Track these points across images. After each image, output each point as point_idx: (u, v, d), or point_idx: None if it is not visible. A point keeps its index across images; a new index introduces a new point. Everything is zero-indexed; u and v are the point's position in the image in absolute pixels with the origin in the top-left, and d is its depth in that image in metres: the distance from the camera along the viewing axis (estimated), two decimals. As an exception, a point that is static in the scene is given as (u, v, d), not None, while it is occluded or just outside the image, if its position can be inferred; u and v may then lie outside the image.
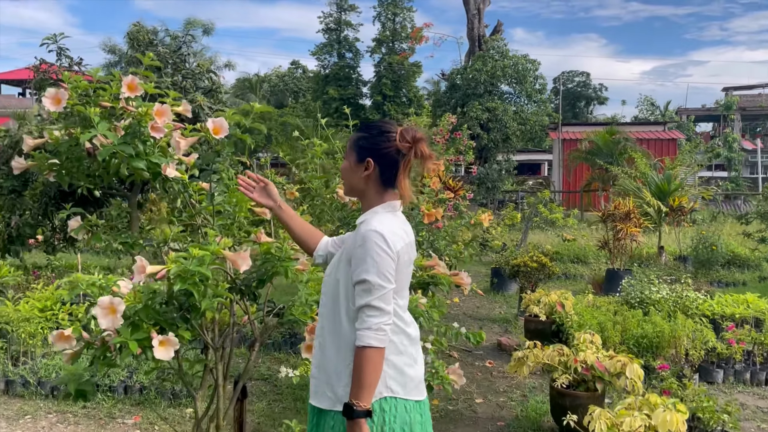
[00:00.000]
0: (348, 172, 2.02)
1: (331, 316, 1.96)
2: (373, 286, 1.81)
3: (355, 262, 1.85)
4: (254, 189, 2.20)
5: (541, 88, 25.45)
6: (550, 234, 11.07)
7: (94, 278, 2.22)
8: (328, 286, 1.99)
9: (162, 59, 8.63)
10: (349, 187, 2.05)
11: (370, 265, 1.81)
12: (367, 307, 1.81)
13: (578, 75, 53.08)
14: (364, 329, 1.80)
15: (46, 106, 2.49)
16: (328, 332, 1.97)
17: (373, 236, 1.83)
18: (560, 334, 5.61)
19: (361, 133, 2.03)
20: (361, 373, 1.79)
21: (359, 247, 1.85)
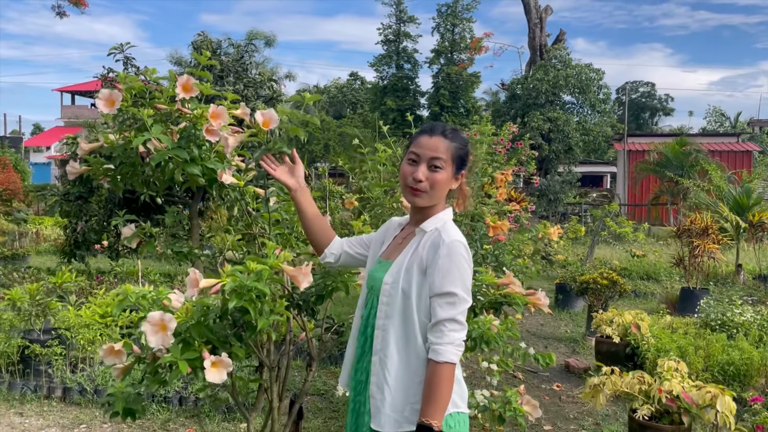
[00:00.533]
0: (447, 184, 1.87)
1: (400, 329, 1.79)
2: (459, 300, 1.73)
3: (439, 272, 1.74)
4: (278, 167, 2.12)
5: (605, 98, 24.66)
6: (617, 249, 10.54)
7: (145, 290, 2.08)
8: (392, 297, 1.80)
9: (225, 68, 8.69)
10: (436, 199, 1.87)
11: (456, 277, 1.73)
12: (450, 321, 1.71)
13: (643, 85, 51.52)
14: (445, 344, 1.70)
15: (99, 108, 2.37)
16: (395, 347, 1.79)
17: (459, 247, 1.76)
18: (635, 358, 5.22)
19: (459, 144, 1.88)
20: (439, 391, 1.69)
21: (444, 257, 1.74)
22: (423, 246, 1.81)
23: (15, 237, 12.46)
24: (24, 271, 8.77)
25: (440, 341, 1.70)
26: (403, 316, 1.78)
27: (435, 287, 1.73)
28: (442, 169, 1.83)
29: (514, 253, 5.05)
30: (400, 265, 1.83)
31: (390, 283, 1.82)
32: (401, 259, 1.84)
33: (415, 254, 1.82)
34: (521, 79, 24.78)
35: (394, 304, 1.80)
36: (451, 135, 1.87)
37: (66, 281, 5.13)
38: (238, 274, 1.87)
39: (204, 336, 1.98)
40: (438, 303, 1.72)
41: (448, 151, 1.84)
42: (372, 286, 1.92)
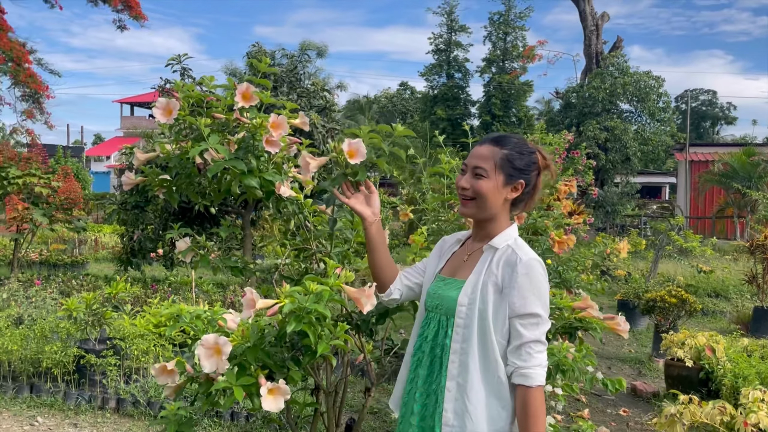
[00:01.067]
0: (493, 193, 1.74)
1: (479, 352, 1.68)
2: (542, 320, 1.65)
3: (519, 292, 1.65)
4: (352, 195, 1.97)
5: (665, 106, 23.81)
6: (682, 264, 10.04)
7: (200, 310, 1.97)
8: (469, 318, 1.69)
9: (278, 78, 8.69)
10: (484, 209, 1.76)
11: (538, 297, 1.66)
12: (535, 343, 1.64)
13: (703, 93, 49.79)
14: (534, 366, 1.63)
15: (156, 117, 2.29)
16: (476, 372, 1.67)
17: (537, 266, 1.67)
18: (709, 384, 4.87)
19: (511, 151, 1.76)
20: (538, 417, 1.61)
21: (524, 276, 1.65)
22: (497, 264, 1.71)
23: (75, 245, 12.81)
24: (82, 278, 8.94)
25: (529, 364, 1.62)
26: (481, 338, 1.68)
27: (516, 308, 1.64)
28: (486, 176, 1.73)
29: (579, 269, 4.80)
30: (474, 285, 1.71)
31: (466, 304, 1.70)
32: (474, 279, 1.72)
33: (488, 273, 1.71)
34: (576, 88, 24.20)
35: (471, 326, 1.69)
36: (500, 141, 1.77)
37: (120, 291, 5.13)
38: (297, 295, 1.73)
39: (260, 360, 1.86)
40: (521, 324, 1.64)
41: (493, 157, 1.74)
42: (437, 305, 1.80)
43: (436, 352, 1.76)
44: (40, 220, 8.35)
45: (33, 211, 8.44)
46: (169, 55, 6.84)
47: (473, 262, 1.78)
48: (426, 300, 1.84)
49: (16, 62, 16.32)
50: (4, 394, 4.61)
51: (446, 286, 1.79)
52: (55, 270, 10.32)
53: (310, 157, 2.08)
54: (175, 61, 7.24)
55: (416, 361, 1.82)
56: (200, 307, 2.07)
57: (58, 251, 11.90)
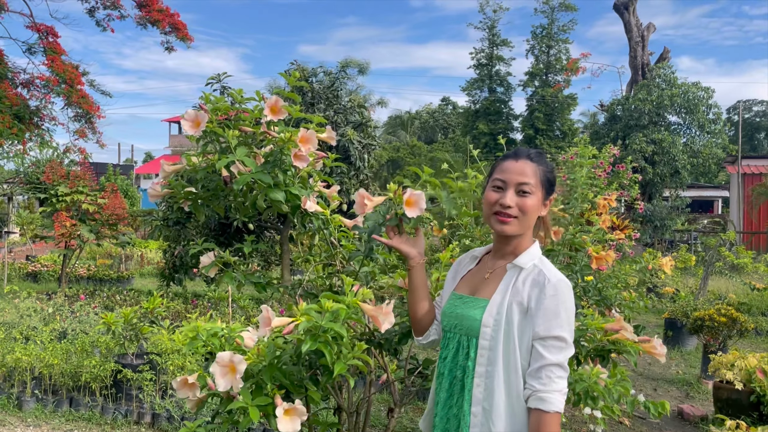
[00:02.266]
0: (537, 210, 1.73)
1: (504, 376, 1.60)
2: (567, 344, 1.58)
3: (545, 314, 1.58)
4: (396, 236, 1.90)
5: (716, 118, 23.09)
6: (734, 281, 9.62)
7: (217, 327, 1.94)
8: (495, 340, 1.62)
9: (316, 95, 8.77)
10: (527, 227, 1.72)
11: (564, 320, 1.58)
12: (557, 367, 1.56)
13: (757, 104, 48.19)
14: (554, 391, 1.55)
15: (185, 130, 2.30)
16: (501, 396, 1.59)
17: (565, 288, 1.60)
18: (761, 407, 4.61)
19: (546, 167, 1.76)
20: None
21: (551, 297, 1.58)
22: (522, 284, 1.64)
23: (121, 260, 13.13)
24: (126, 293, 9.13)
25: (548, 388, 1.54)
26: (506, 362, 1.61)
27: (541, 330, 1.57)
28: (532, 194, 1.69)
29: (620, 286, 4.63)
30: (499, 305, 1.63)
31: (491, 325, 1.63)
32: (499, 298, 1.65)
33: (514, 292, 1.64)
34: (622, 100, 23.73)
35: (497, 348, 1.61)
36: (537, 158, 1.74)
37: (157, 306, 5.20)
38: (313, 313, 1.69)
39: (277, 379, 1.82)
40: (544, 346, 1.56)
41: (536, 174, 1.70)
42: (455, 324, 1.72)
43: (456, 374, 1.69)
44: (87, 235, 8.58)
45: (80, 227, 8.69)
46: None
47: (496, 280, 1.70)
48: (442, 320, 1.77)
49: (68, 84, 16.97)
50: (44, 407, 4.70)
51: (465, 305, 1.72)
52: (101, 285, 10.59)
53: (368, 198, 1.98)
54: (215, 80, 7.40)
55: (438, 384, 1.76)
56: (218, 324, 2.05)
57: (104, 266, 12.21)
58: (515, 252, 1.71)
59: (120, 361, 4.92)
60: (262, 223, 9.20)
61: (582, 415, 4.50)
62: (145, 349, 5.33)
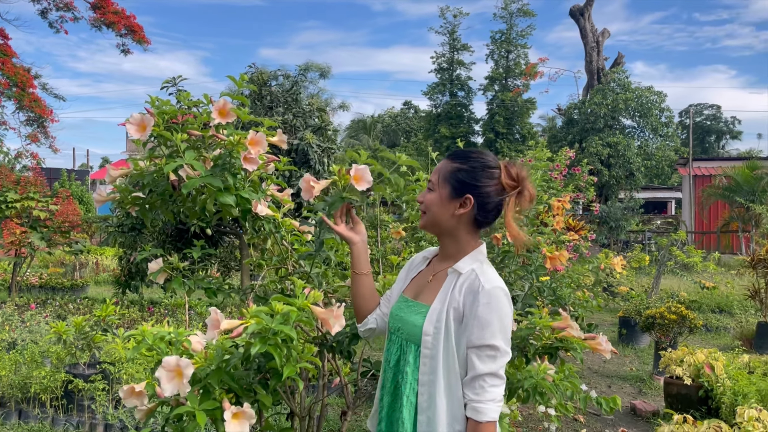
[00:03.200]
0: (437, 205, 1.69)
1: (446, 385, 1.59)
2: (500, 353, 1.55)
3: (479, 322, 1.55)
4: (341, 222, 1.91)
5: (668, 121, 23.79)
6: (685, 280, 9.91)
7: (164, 332, 1.92)
8: (436, 349, 1.60)
9: (275, 98, 8.71)
10: (432, 222, 1.72)
11: (497, 329, 1.55)
12: (490, 376, 1.54)
13: (707, 108, 49.77)
14: (487, 401, 1.53)
15: (130, 134, 2.26)
16: (441, 405, 1.58)
17: (500, 295, 1.57)
18: (709, 402, 4.76)
19: (459, 164, 1.69)
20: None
21: (485, 305, 1.55)
22: (459, 289, 1.62)
23: (75, 268, 12.80)
24: (79, 301, 8.91)
25: (481, 398, 1.53)
26: (447, 369, 1.59)
27: (475, 338, 1.55)
28: (433, 190, 1.70)
29: (573, 285, 4.72)
30: (439, 313, 1.62)
31: (432, 333, 1.61)
32: (438, 306, 1.63)
33: (451, 299, 1.62)
34: (578, 104, 24.26)
35: (437, 357, 1.60)
36: (455, 157, 1.71)
37: (110, 314, 5.09)
38: (263, 315, 1.69)
39: (225, 384, 1.81)
40: (477, 355, 1.55)
41: (442, 170, 1.70)
42: (398, 327, 1.72)
43: (398, 379, 1.69)
44: (38, 243, 8.34)
45: (31, 234, 8.44)
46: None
47: (437, 285, 1.69)
48: (389, 321, 1.77)
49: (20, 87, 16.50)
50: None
51: (408, 309, 1.71)
52: (53, 293, 10.30)
53: (314, 181, 2.00)
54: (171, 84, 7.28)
55: (382, 388, 1.75)
56: (167, 328, 2.02)
57: (56, 275, 11.88)
58: (456, 256, 1.69)
59: (71, 372, 4.80)
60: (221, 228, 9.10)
61: (537, 413, 4.58)
62: (98, 359, 5.21)
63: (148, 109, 2.39)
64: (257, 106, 8.37)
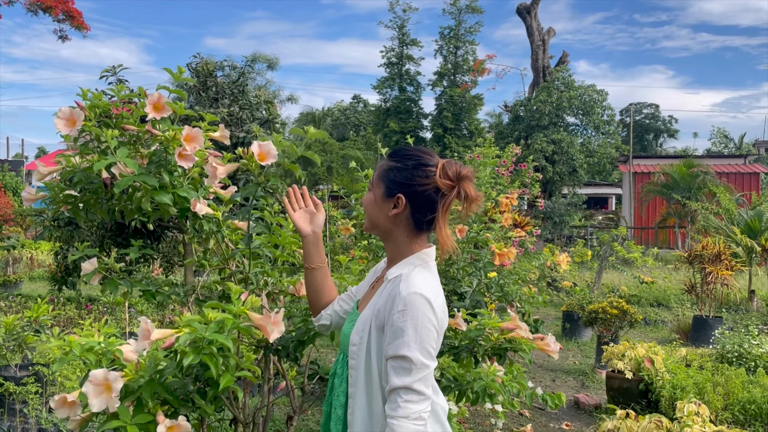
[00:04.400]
0: (372, 206, 1.62)
1: (363, 396, 1.52)
2: (415, 365, 1.41)
3: (393, 331, 1.44)
4: (298, 209, 1.83)
5: (609, 119, 24.48)
6: (625, 274, 10.22)
7: (92, 342, 1.80)
8: (359, 360, 1.53)
9: (221, 90, 8.49)
10: (371, 224, 1.65)
11: (411, 339, 1.41)
12: (404, 390, 1.40)
13: (647, 107, 51.50)
14: (399, 417, 1.39)
15: (58, 128, 2.12)
16: (359, 417, 1.51)
17: (418, 302, 1.43)
18: (649, 395, 4.89)
19: (394, 163, 1.60)
20: None
21: (399, 312, 1.43)
22: (383, 297, 1.53)
23: (8, 263, 12.21)
24: (12, 299, 8.50)
25: (395, 414, 1.39)
26: (367, 382, 1.52)
27: (389, 349, 1.44)
28: (370, 190, 1.64)
29: (520, 282, 4.77)
30: (365, 321, 1.54)
31: (357, 343, 1.54)
32: (367, 314, 1.56)
33: (377, 306, 1.54)
34: (524, 101, 24.68)
35: (360, 368, 1.52)
36: (394, 154, 1.63)
37: (43, 314, 4.84)
38: (196, 324, 1.60)
39: (159, 395, 1.71)
40: (392, 367, 1.42)
41: (378, 170, 1.63)
42: (340, 340, 1.66)
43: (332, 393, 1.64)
44: (-35, 238, 7.89)
45: (-42, 228, 7.98)
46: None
47: (374, 293, 1.62)
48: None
49: (-53, 72, 15.66)
50: None
51: (349, 320, 1.65)
52: (-17, 290, 9.79)
53: (217, 163, 1.96)
54: (110, 73, 6.98)
55: (325, 399, 1.70)
56: (96, 338, 1.91)
57: (-12, 270, 11.31)
58: (395, 260, 1.60)
59: (2, 374, 4.55)
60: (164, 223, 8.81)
61: (484, 409, 4.61)
62: (31, 360, 4.95)
63: (79, 103, 2.25)
64: (202, 98, 8.14)
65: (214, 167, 2.10)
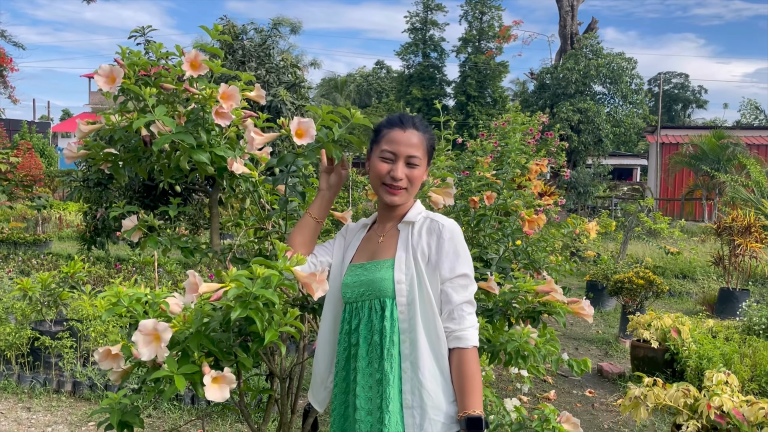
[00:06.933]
0: (422, 179, 1.78)
1: (425, 326, 1.64)
2: (471, 281, 1.66)
3: (447, 256, 1.65)
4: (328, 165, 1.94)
5: (638, 89, 23.97)
6: (651, 245, 10.12)
7: (140, 293, 1.84)
8: (411, 294, 1.65)
9: (247, 53, 8.45)
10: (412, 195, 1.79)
11: (464, 258, 1.66)
12: (467, 304, 1.64)
13: (676, 76, 50.33)
14: (468, 328, 1.62)
15: (99, 85, 2.13)
16: (424, 347, 1.64)
17: (458, 229, 1.70)
18: (674, 365, 4.90)
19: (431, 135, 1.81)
20: (477, 377, 1.61)
21: (449, 240, 1.65)
22: (419, 235, 1.70)
23: (38, 222, 12.45)
24: (43, 257, 8.69)
25: (462, 326, 1.61)
26: (424, 311, 1.64)
27: (446, 271, 1.64)
28: (419, 165, 1.74)
29: (548, 249, 4.76)
30: (406, 260, 1.67)
31: (405, 281, 1.66)
32: (403, 254, 1.69)
33: (414, 245, 1.69)
34: (551, 69, 24.23)
35: (414, 302, 1.64)
36: (422, 127, 1.77)
37: (78, 271, 4.96)
38: (244, 279, 1.62)
39: (205, 347, 1.75)
40: (451, 287, 1.64)
41: (422, 144, 1.75)
42: (362, 292, 1.72)
43: (374, 339, 1.68)
44: (-2, 197, 8.06)
45: (-10, 187, 8.15)
46: (140, 30, 6.54)
47: (392, 241, 1.74)
48: (345, 292, 1.75)
49: (-25, 33, 15.76)
50: (-47, 377, 4.44)
51: (369, 271, 1.72)
52: (15, 248, 10.02)
53: (256, 132, 1.97)
54: (139, 33, 6.98)
55: (347, 356, 1.74)
56: (142, 289, 1.95)
57: (19, 229, 11.55)
58: (401, 214, 1.76)
59: (37, 328, 4.69)
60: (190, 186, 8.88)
61: (509, 374, 4.65)
62: (64, 316, 5.09)
63: (118, 60, 2.25)
64: (229, 61, 8.11)
65: (252, 137, 2.11)
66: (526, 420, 2.68)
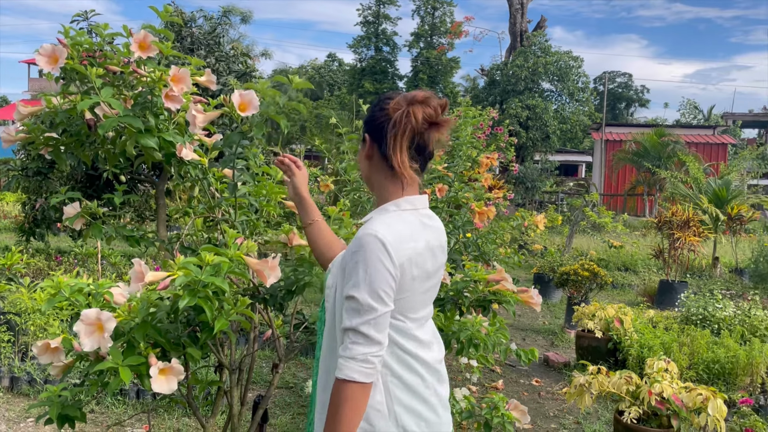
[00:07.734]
0: (360, 160, 1.59)
1: (330, 336, 1.52)
2: (362, 307, 1.37)
3: (348, 272, 1.42)
4: (286, 174, 1.80)
5: (584, 87, 24.57)
6: (595, 239, 10.42)
7: (81, 283, 1.78)
8: (330, 300, 1.53)
9: (196, 41, 8.26)
10: (364, 178, 1.61)
11: (361, 279, 1.37)
12: (352, 332, 1.37)
13: (620, 76, 51.79)
14: (346, 358, 1.37)
15: (40, 65, 2.04)
16: (323, 355, 1.55)
17: (371, 243, 1.38)
18: (617, 354, 5.05)
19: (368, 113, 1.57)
20: (336, 414, 1.35)
21: (353, 253, 1.41)
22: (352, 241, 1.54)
23: (-28, 213, 11.88)
24: (-22, 249, 8.30)
25: (342, 353, 1.37)
26: (331, 322, 1.52)
27: (344, 290, 1.42)
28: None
29: (498, 242, 4.83)
30: (337, 265, 1.55)
31: (330, 286, 1.53)
32: (338, 259, 1.57)
33: (344, 251, 1.55)
34: (501, 66, 24.56)
35: (330, 310, 1.53)
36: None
37: (15, 262, 4.75)
38: (192, 267, 1.58)
39: (151, 338, 1.70)
40: (345, 308, 1.40)
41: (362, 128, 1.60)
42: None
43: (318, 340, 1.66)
44: (-72, 185, 7.64)
45: None
46: (83, 15, 6.29)
47: None
48: None
49: None
50: None
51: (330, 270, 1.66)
52: (-53, 240, 9.54)
53: (197, 110, 1.91)
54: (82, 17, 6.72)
55: None
56: (84, 279, 1.88)
57: (-49, 220, 11.00)
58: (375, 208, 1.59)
59: (-29, 323, 4.47)
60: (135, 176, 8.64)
61: (459, 365, 4.70)
62: (1, 309, 4.88)
63: (61, 40, 2.16)
64: (177, 48, 7.92)
65: (193, 115, 2.06)
66: (475, 408, 2.71)
